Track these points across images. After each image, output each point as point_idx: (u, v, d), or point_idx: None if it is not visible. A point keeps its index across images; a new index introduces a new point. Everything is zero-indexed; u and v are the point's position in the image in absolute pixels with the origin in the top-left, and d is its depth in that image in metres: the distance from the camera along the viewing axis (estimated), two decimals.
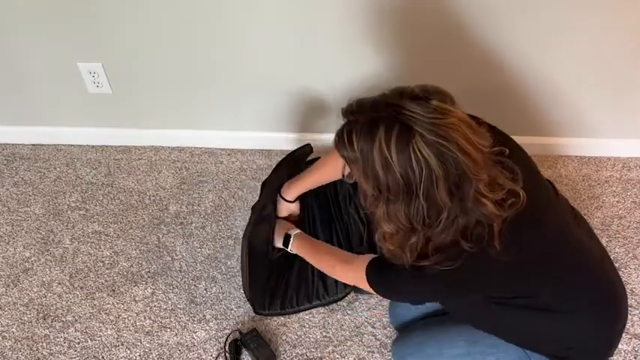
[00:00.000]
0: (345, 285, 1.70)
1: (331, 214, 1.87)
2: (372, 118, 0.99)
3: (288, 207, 1.69)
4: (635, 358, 1.60)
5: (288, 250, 1.60)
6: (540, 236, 1.14)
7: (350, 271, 1.39)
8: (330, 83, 1.93)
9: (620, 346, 1.60)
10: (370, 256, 1.33)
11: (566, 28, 1.69)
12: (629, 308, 1.52)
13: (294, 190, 1.66)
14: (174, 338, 1.68)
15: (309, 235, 1.65)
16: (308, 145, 1.74)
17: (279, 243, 1.63)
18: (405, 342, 1.47)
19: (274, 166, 1.72)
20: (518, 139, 1.21)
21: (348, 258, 1.44)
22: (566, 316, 1.20)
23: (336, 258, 1.48)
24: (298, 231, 1.61)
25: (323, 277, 1.69)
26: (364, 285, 1.32)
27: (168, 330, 1.70)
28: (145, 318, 1.73)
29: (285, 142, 2.12)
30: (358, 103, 1.04)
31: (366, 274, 1.30)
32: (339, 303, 1.74)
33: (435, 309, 1.51)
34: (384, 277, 1.27)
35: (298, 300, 1.69)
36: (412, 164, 0.96)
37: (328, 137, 2.07)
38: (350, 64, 1.85)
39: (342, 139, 1.03)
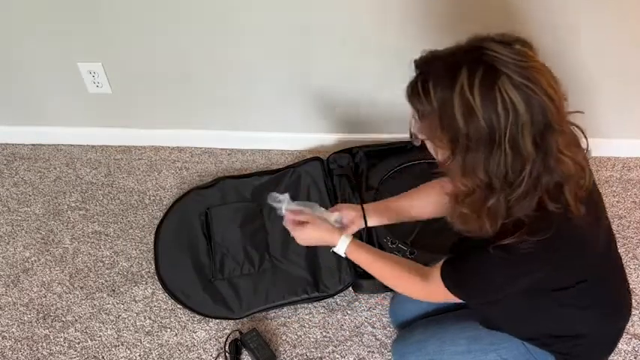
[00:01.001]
0: (340, 281, 1.70)
1: None
2: (451, 62, 0.91)
3: (355, 223, 1.43)
4: (635, 358, 1.60)
5: (342, 254, 1.32)
6: (600, 224, 1.09)
7: (419, 281, 1.22)
8: (330, 83, 1.93)
9: (620, 346, 1.60)
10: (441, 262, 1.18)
11: (566, 30, 1.69)
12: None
13: (377, 211, 1.42)
14: (175, 338, 1.68)
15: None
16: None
17: (332, 241, 1.32)
18: (406, 341, 1.47)
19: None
20: None
21: (416, 266, 1.26)
22: (587, 314, 1.19)
23: (402, 267, 1.28)
24: (346, 241, 1.31)
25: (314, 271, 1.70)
26: (440, 295, 1.16)
27: (169, 330, 1.70)
28: (145, 318, 1.73)
29: (285, 142, 2.12)
30: (433, 52, 0.96)
31: (442, 276, 1.14)
32: (338, 303, 1.74)
33: (435, 307, 1.50)
34: (466, 272, 1.12)
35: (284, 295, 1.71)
36: (497, 108, 0.87)
37: (328, 137, 2.09)
38: (351, 63, 1.86)
39: (416, 90, 0.94)
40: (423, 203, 1.40)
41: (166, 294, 1.75)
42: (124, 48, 1.87)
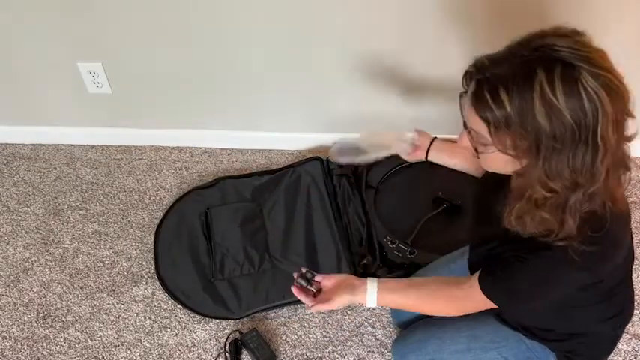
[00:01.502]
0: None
1: (330, 215, 1.88)
2: (520, 64, 0.87)
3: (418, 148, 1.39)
4: (635, 358, 1.60)
5: (374, 305, 1.22)
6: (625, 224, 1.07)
7: (455, 299, 1.17)
8: (330, 82, 1.93)
9: (620, 346, 1.60)
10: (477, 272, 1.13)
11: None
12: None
13: (440, 147, 1.37)
14: (175, 338, 1.68)
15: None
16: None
17: (360, 301, 1.22)
18: (406, 340, 1.47)
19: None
20: None
21: (447, 284, 1.21)
22: (595, 314, 1.19)
23: (434, 291, 1.21)
24: (373, 292, 1.21)
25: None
26: (479, 308, 1.14)
27: (169, 330, 1.70)
28: (145, 318, 1.73)
29: (285, 142, 2.12)
30: (489, 58, 0.91)
31: (484, 288, 1.10)
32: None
33: None
34: (509, 282, 1.07)
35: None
36: (583, 102, 0.84)
37: (327, 137, 2.09)
38: (351, 64, 1.86)
39: (484, 99, 0.88)
40: (464, 162, 1.36)
41: (166, 294, 1.75)
42: (124, 48, 1.87)
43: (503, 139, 0.91)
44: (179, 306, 1.74)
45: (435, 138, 1.38)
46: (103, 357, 1.66)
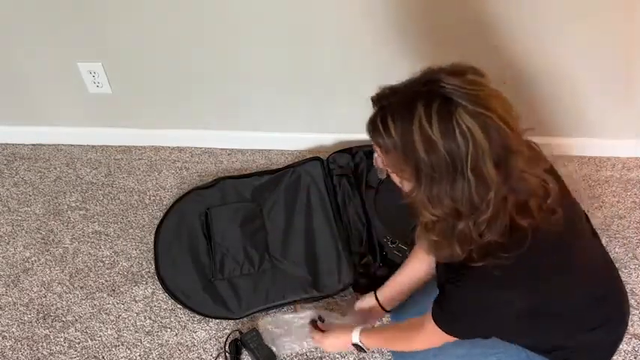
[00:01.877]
0: (339, 281, 1.72)
1: (330, 215, 1.88)
2: (407, 97, 0.94)
3: (374, 310, 1.58)
4: (635, 358, 1.60)
5: (364, 350, 1.46)
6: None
7: (423, 330, 1.24)
8: (330, 83, 1.93)
9: (620, 346, 1.60)
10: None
11: (565, 30, 1.69)
12: (629, 308, 1.52)
13: (388, 293, 1.54)
14: (175, 338, 1.68)
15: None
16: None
17: (344, 349, 1.57)
18: None
19: None
20: None
21: (415, 322, 1.30)
22: (582, 328, 1.20)
23: (408, 328, 1.34)
24: (357, 331, 1.44)
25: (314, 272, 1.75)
26: (437, 340, 1.21)
27: (169, 330, 1.70)
28: (145, 318, 1.73)
29: (285, 142, 2.12)
30: (390, 88, 0.99)
31: (433, 317, 1.17)
32: (339, 303, 1.74)
33: None
34: (449, 306, 1.14)
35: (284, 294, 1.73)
36: (456, 137, 0.90)
37: (327, 137, 2.09)
38: (352, 64, 1.86)
39: (376, 125, 0.97)
40: (417, 267, 1.49)
41: (166, 294, 1.76)
42: (124, 48, 1.87)
43: (393, 162, 1.00)
44: (179, 306, 1.74)
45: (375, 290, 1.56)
46: (103, 357, 1.66)
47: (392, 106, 0.96)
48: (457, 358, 1.34)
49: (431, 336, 1.21)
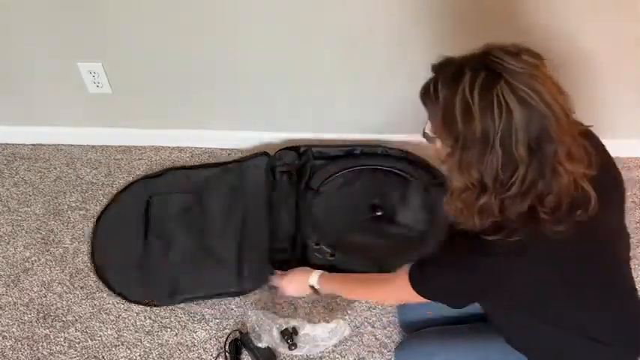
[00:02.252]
0: (258, 276, 1.73)
1: (263, 211, 1.89)
2: (458, 66, 0.97)
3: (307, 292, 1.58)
4: None
5: (316, 286, 1.51)
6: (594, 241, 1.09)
7: (391, 285, 1.31)
8: (329, 83, 1.93)
9: None
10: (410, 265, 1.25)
11: (565, 29, 1.69)
12: None
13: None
14: (175, 338, 1.69)
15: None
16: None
17: (303, 292, 1.56)
18: (413, 350, 1.48)
19: None
20: None
21: (386, 275, 1.37)
22: (586, 343, 1.18)
23: (373, 281, 1.43)
24: (317, 273, 1.52)
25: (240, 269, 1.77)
26: (405, 294, 1.24)
27: (169, 330, 1.70)
28: (145, 318, 1.73)
29: (285, 142, 2.12)
30: (447, 58, 1.02)
31: (410, 274, 1.21)
32: (338, 302, 1.74)
33: (447, 315, 1.48)
34: (430, 269, 1.19)
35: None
36: (493, 111, 0.92)
37: (329, 136, 2.09)
38: (353, 64, 1.86)
39: (428, 90, 1.02)
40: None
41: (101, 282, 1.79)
42: (124, 48, 1.87)
43: (436, 127, 1.04)
44: (179, 306, 1.74)
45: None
46: (103, 357, 1.66)
47: (444, 74, 0.99)
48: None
49: (398, 290, 1.27)
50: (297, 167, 1.99)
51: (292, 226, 1.85)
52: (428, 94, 1.02)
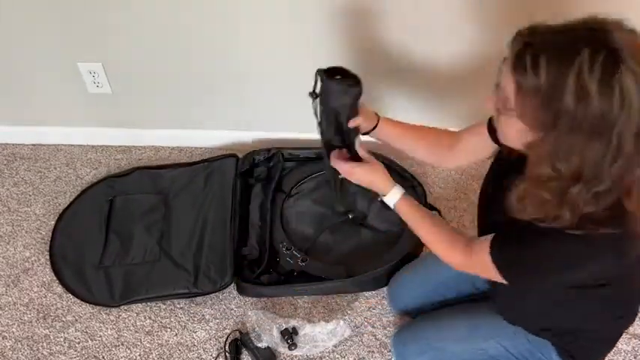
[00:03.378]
0: (219, 282, 1.72)
1: (228, 214, 1.87)
2: (570, 39, 0.86)
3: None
4: (635, 358, 1.60)
5: (391, 205, 1.28)
6: None
7: (461, 252, 1.18)
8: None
9: (620, 345, 1.61)
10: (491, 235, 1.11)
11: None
12: None
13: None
14: (175, 338, 1.69)
15: None
16: None
17: (369, 187, 1.30)
18: (404, 329, 1.51)
19: None
20: None
21: (461, 236, 1.23)
22: (606, 313, 1.19)
23: (446, 233, 1.24)
24: (399, 191, 1.28)
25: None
26: (479, 269, 1.14)
27: (169, 330, 1.70)
28: (145, 318, 1.73)
29: (285, 141, 2.12)
30: (544, 25, 0.90)
31: (492, 252, 1.08)
32: (338, 302, 1.74)
33: (439, 296, 1.51)
34: (522, 253, 1.05)
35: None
36: (613, 97, 0.83)
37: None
38: (351, 63, 1.85)
39: (523, 62, 0.88)
40: (424, 147, 1.38)
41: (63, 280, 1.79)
42: (124, 48, 1.87)
43: (526, 107, 0.90)
44: (179, 306, 1.74)
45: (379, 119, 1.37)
46: (103, 357, 1.66)
47: (548, 45, 0.87)
48: (457, 340, 1.35)
49: (474, 263, 1.15)
50: (267, 170, 2.00)
51: (262, 231, 1.83)
52: (523, 68, 0.88)
